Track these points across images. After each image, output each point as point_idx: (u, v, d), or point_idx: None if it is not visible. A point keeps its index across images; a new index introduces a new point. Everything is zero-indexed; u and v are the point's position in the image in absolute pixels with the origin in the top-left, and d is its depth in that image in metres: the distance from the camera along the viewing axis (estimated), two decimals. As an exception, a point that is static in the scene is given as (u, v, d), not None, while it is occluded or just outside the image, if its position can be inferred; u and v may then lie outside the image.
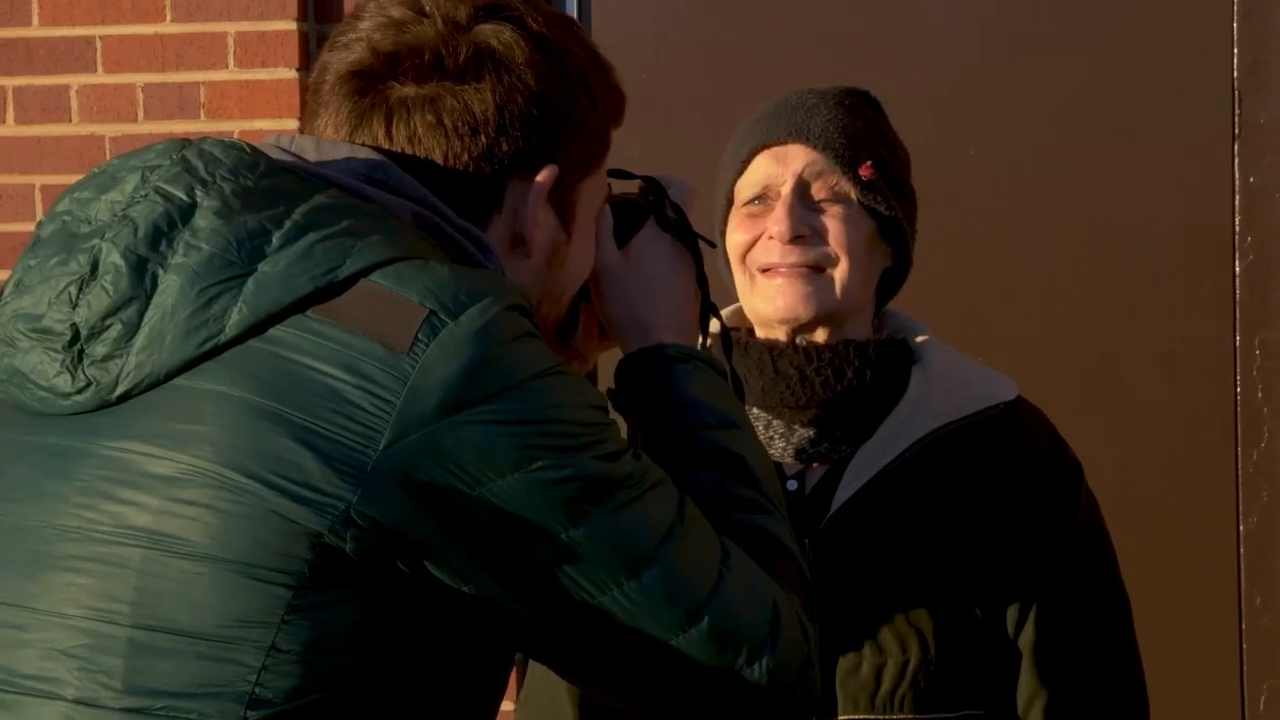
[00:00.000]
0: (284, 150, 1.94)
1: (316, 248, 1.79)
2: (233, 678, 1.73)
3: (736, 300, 2.64)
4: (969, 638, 2.52)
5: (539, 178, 1.97)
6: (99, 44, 4.45)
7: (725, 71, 4.36)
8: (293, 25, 4.37)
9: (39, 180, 4.49)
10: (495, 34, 1.95)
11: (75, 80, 4.46)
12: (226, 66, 4.41)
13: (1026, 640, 2.54)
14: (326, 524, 1.73)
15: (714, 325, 2.26)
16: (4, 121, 4.52)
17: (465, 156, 1.93)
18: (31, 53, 4.48)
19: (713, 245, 2.24)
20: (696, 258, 2.19)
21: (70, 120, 4.48)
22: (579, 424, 1.82)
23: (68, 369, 1.80)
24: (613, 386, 2.13)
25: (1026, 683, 2.55)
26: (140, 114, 4.43)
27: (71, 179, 4.34)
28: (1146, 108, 4.24)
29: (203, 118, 4.39)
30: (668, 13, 4.40)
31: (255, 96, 4.40)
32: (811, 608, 2.00)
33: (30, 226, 4.47)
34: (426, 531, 1.76)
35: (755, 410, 2.59)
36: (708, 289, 2.21)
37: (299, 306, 1.78)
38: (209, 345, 1.77)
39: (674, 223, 2.17)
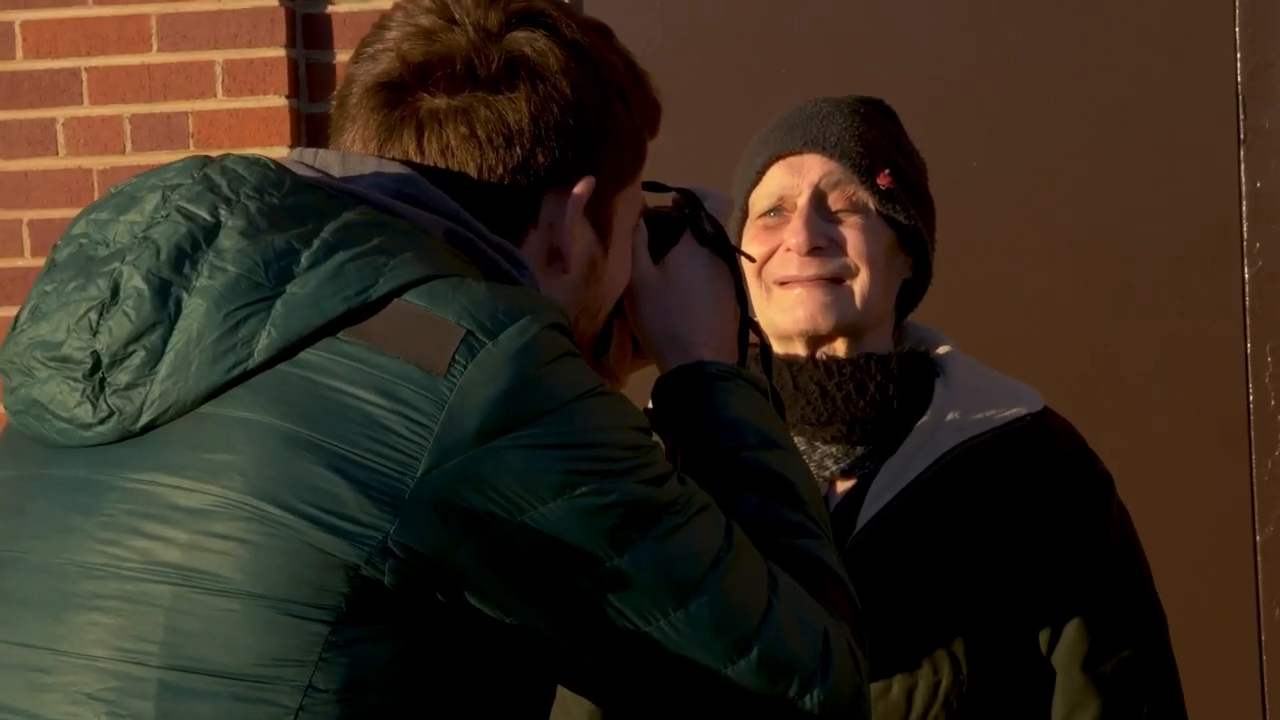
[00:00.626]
0: (308, 166, 1.87)
1: (347, 267, 1.73)
2: (269, 719, 1.66)
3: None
4: (1001, 657, 2.45)
5: (576, 190, 1.91)
6: (85, 76, 4.40)
7: (720, 78, 4.30)
8: (281, 52, 4.32)
9: (26, 215, 4.42)
10: (529, 41, 1.89)
11: (61, 113, 4.43)
12: (215, 95, 4.35)
13: (1060, 658, 2.48)
14: (364, 555, 1.66)
15: (752, 338, 2.20)
16: None
17: (500, 169, 1.87)
18: (16, 86, 4.42)
19: (752, 259, 2.18)
20: (735, 271, 2.13)
21: (57, 154, 4.42)
22: (623, 447, 1.75)
23: (89, 399, 1.73)
24: (650, 406, 2.07)
25: (1062, 702, 2.48)
26: (128, 145, 4.37)
27: (60, 213, 4.40)
28: (1150, 114, 4.19)
29: (192, 147, 4.32)
30: (658, 18, 4.34)
31: (245, 124, 4.34)
32: (862, 635, 1.93)
33: (18, 262, 4.42)
34: (466, 561, 1.68)
35: (777, 428, 2.53)
36: (747, 304, 2.15)
37: (330, 329, 1.71)
38: (237, 371, 1.70)
39: (711, 236, 2.11)
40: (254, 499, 1.66)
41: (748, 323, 2.14)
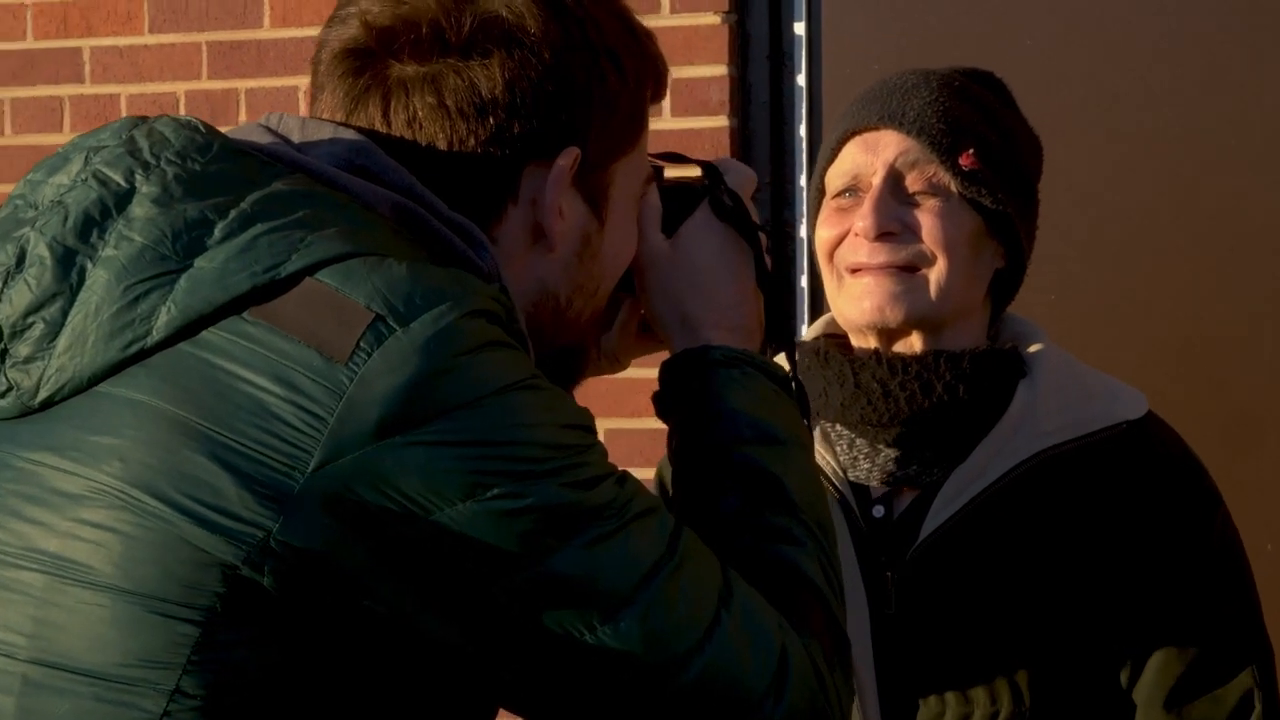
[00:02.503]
0: (269, 130, 1.76)
1: (260, 240, 1.61)
2: None
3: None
4: (1070, 689, 2.23)
5: (559, 162, 1.77)
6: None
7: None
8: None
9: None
10: (505, 2, 1.75)
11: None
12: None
13: (1142, 695, 2.25)
14: (241, 555, 1.54)
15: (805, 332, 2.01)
16: (1, 133, 4.59)
17: (472, 141, 1.74)
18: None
19: (768, 233, 1.99)
20: (756, 249, 1.95)
21: (62, 130, 4.51)
22: (545, 446, 1.61)
23: None
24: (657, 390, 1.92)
25: None
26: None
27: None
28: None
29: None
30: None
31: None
32: (839, 654, 1.77)
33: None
34: (360, 564, 1.56)
35: (838, 427, 2.34)
36: (776, 285, 1.96)
37: (235, 307, 1.59)
38: (135, 349, 1.60)
39: (730, 210, 1.94)
40: (130, 487, 1.56)
41: (776, 307, 1.96)
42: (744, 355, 1.88)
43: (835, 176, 2.34)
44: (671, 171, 1.96)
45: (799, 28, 4.13)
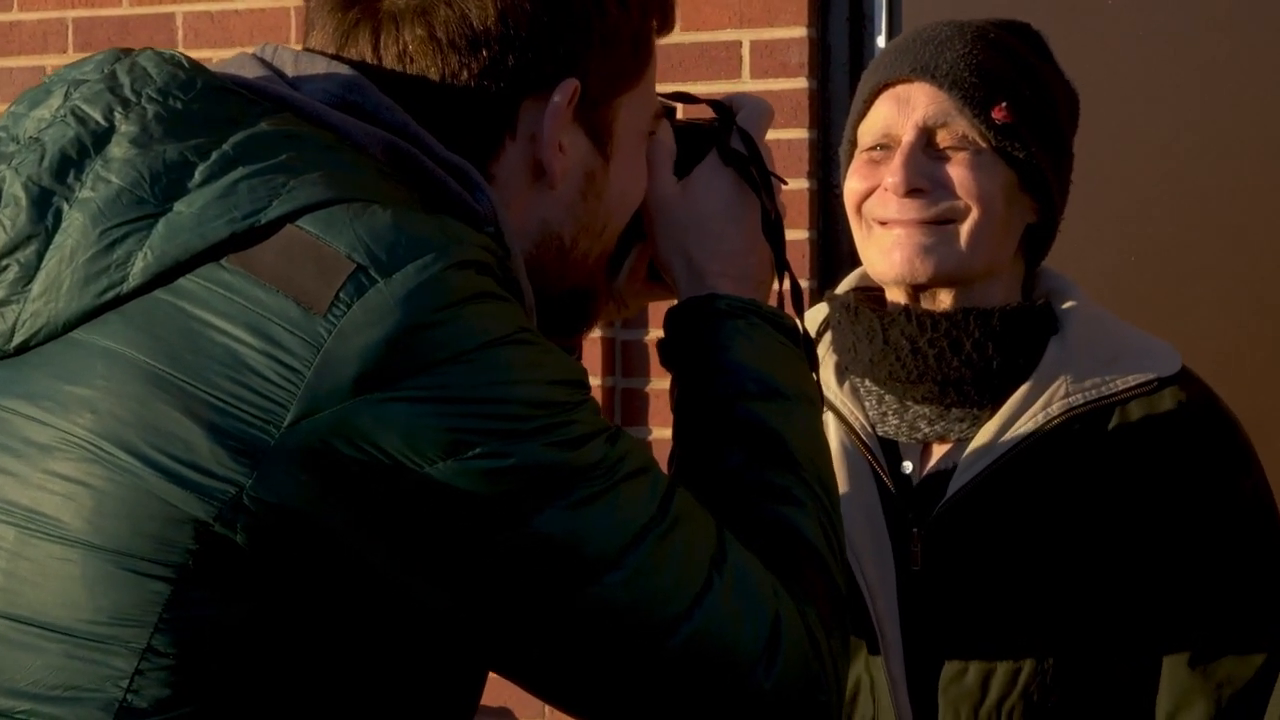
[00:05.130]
0: (263, 62, 1.70)
1: (241, 185, 1.55)
2: (102, 681, 1.50)
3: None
4: (1095, 646, 2.20)
5: (555, 96, 1.71)
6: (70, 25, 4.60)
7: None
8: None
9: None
10: None
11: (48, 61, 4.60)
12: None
13: (1170, 653, 2.21)
14: (213, 511, 1.48)
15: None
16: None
17: (464, 75, 1.68)
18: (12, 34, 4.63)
19: (784, 181, 1.95)
20: (764, 198, 1.89)
21: None
22: (531, 404, 1.54)
23: None
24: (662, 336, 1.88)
25: (1166, 700, 2.21)
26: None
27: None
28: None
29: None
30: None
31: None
32: (837, 618, 1.72)
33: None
34: (338, 522, 1.50)
35: (867, 383, 2.32)
36: (781, 235, 1.91)
37: (213, 254, 1.54)
38: (110, 295, 1.54)
39: (737, 156, 1.89)
40: (100, 439, 1.50)
41: (781, 258, 1.90)
42: (750, 305, 1.83)
43: (866, 132, 2.30)
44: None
45: (880, -12, 4.10)
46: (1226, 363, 3.65)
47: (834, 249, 4.05)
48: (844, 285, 2.42)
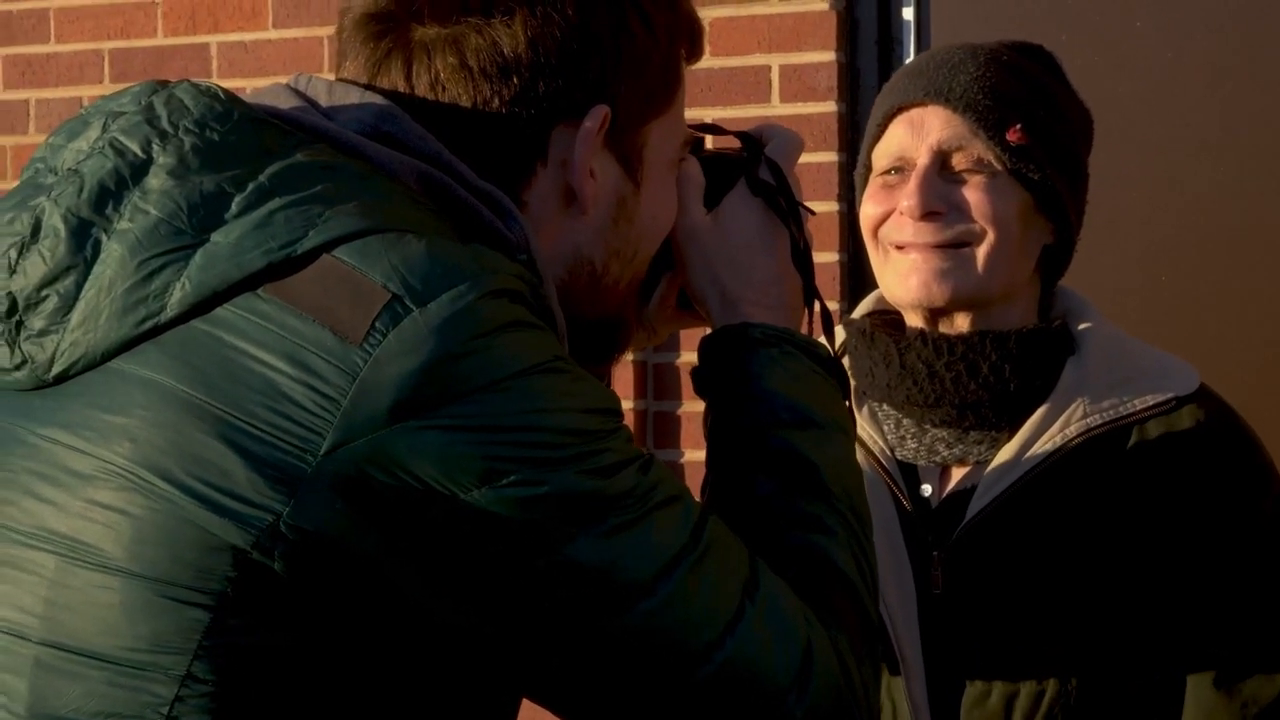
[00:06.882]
0: (297, 93, 1.72)
1: (277, 216, 1.57)
2: (142, 709, 1.51)
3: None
4: (1117, 669, 2.20)
5: (586, 122, 1.72)
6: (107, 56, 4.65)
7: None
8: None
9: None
10: None
11: (85, 92, 4.67)
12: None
13: (1193, 673, 2.21)
14: (251, 539, 1.50)
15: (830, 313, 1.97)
16: (26, 132, 4.70)
17: (496, 102, 1.69)
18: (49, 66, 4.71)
19: (812, 212, 1.97)
20: (793, 227, 1.91)
21: None
22: (565, 432, 1.55)
23: (6, 342, 1.61)
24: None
25: None
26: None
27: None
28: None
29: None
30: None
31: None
32: (869, 647, 1.72)
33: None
34: (374, 548, 1.51)
35: (885, 407, 2.33)
36: (810, 264, 1.93)
37: (250, 284, 1.55)
38: (148, 325, 1.56)
39: (765, 187, 1.91)
40: (139, 468, 1.52)
41: (810, 287, 1.92)
42: (784, 333, 1.85)
43: (881, 156, 2.31)
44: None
45: (908, 13, 4.10)
46: (1246, 379, 3.64)
47: (864, 272, 4.06)
48: (860, 309, 2.42)
